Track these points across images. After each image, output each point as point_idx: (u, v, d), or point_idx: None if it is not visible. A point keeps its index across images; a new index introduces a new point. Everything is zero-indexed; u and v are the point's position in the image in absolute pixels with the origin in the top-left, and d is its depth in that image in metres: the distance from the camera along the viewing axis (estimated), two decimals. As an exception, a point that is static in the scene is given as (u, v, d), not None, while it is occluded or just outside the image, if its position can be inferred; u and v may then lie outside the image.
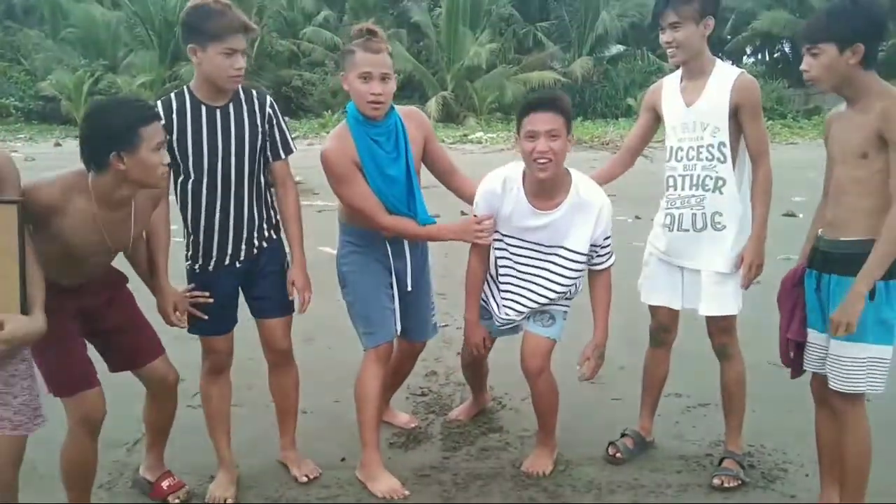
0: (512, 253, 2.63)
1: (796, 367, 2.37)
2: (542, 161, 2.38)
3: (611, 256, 2.63)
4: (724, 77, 2.53)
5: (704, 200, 2.57)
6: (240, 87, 2.43)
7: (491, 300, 2.75)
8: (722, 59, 2.71)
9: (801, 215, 8.16)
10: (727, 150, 2.52)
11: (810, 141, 19.04)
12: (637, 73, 25.58)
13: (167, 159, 2.10)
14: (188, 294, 2.44)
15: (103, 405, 2.22)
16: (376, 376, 2.63)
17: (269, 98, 2.50)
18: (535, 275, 2.61)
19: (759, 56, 32.60)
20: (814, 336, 2.27)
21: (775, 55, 31.69)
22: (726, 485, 2.57)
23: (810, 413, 2.38)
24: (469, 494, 2.58)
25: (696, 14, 2.47)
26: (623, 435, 2.87)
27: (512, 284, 2.65)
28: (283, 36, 26.27)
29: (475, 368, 3.03)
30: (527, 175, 2.52)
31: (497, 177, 2.58)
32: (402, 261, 2.67)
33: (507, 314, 2.68)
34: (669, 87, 2.68)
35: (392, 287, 2.66)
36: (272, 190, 2.56)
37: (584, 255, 2.55)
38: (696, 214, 2.59)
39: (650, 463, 2.78)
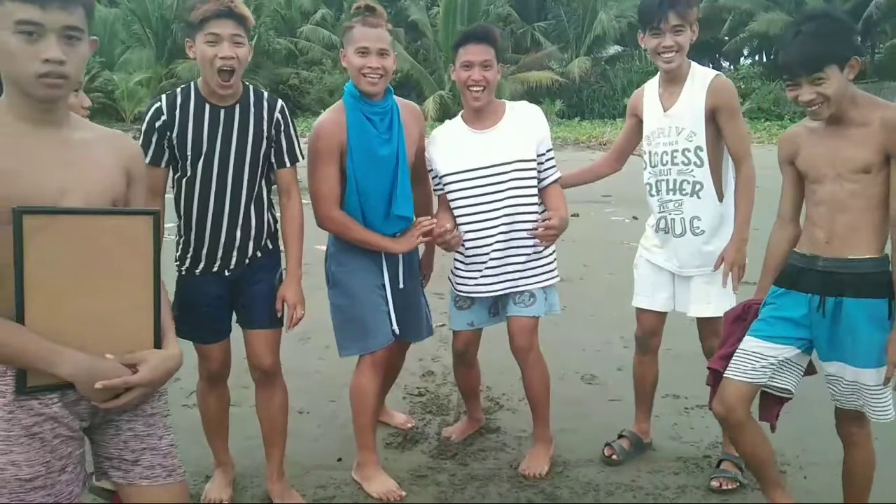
0: (470, 187, 2.59)
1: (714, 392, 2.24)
2: (476, 88, 2.54)
3: (556, 170, 2.70)
4: (699, 81, 2.53)
5: (682, 205, 2.57)
6: (251, 89, 2.34)
7: (465, 278, 2.68)
8: (720, 60, 2.70)
9: (798, 216, 8.18)
10: (704, 155, 2.51)
11: (807, 142, 19.03)
12: (634, 73, 25.61)
13: (87, 102, 2.02)
14: None
15: None
16: (372, 381, 2.58)
17: (280, 103, 2.38)
18: (500, 200, 2.57)
19: (757, 57, 32.64)
20: (762, 345, 2.10)
21: (773, 56, 31.74)
22: (724, 487, 2.56)
23: (808, 415, 2.38)
24: (466, 496, 2.56)
25: (693, 18, 2.49)
26: (620, 436, 2.86)
27: (480, 225, 2.60)
28: (281, 34, 26.25)
29: (466, 366, 2.92)
30: (464, 109, 2.70)
31: (438, 128, 2.78)
32: (395, 257, 2.63)
33: (490, 275, 2.61)
34: (650, 93, 2.69)
35: (384, 287, 2.61)
36: (273, 198, 2.45)
37: (534, 160, 2.62)
38: (674, 219, 2.60)
39: (648, 464, 2.77)
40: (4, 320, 1.35)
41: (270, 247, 2.43)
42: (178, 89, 2.31)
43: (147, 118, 2.25)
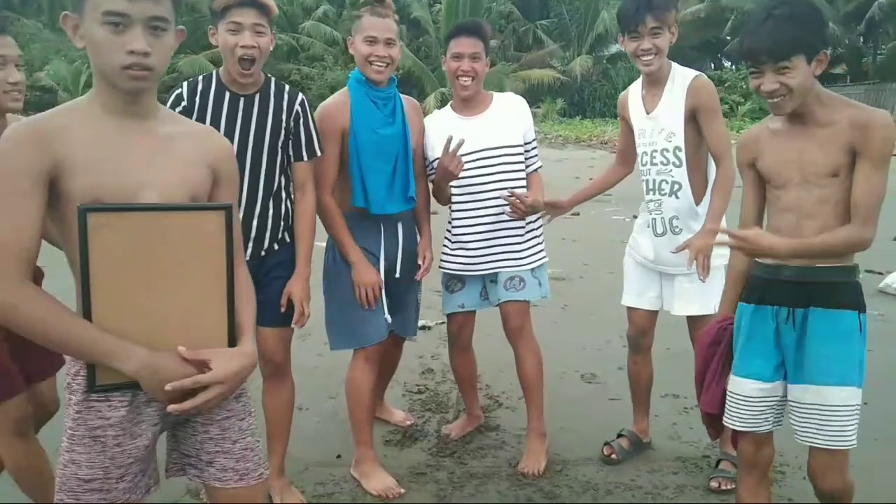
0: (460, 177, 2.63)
1: (717, 428, 2.16)
2: (465, 79, 2.66)
3: (538, 159, 2.83)
4: (679, 82, 2.55)
5: (662, 205, 2.60)
6: (273, 80, 2.35)
7: (453, 257, 2.77)
8: (721, 60, 2.71)
9: (798, 217, 8.17)
10: (682, 155, 2.53)
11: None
12: (636, 72, 24.99)
13: (14, 77, 1.99)
14: None
15: (28, 405, 2.08)
16: (367, 375, 2.61)
17: (301, 96, 2.39)
18: (488, 183, 2.67)
19: (759, 57, 32.60)
20: (757, 388, 1.95)
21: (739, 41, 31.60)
22: (723, 487, 2.56)
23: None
24: (465, 494, 2.56)
25: (671, 20, 2.51)
26: (619, 435, 2.86)
27: (469, 206, 2.71)
28: (283, 30, 26.20)
29: (461, 350, 2.94)
30: (453, 98, 2.82)
31: (429, 116, 2.87)
32: (393, 243, 2.64)
33: (476, 255, 2.72)
34: (634, 96, 2.72)
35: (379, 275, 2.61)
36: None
37: (521, 146, 2.73)
38: (655, 219, 2.63)
39: (647, 464, 2.77)
40: (72, 313, 1.33)
41: (288, 240, 2.42)
42: (201, 76, 2.32)
43: (168, 104, 2.25)
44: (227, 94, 2.26)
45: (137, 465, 1.44)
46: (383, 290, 2.59)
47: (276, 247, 2.38)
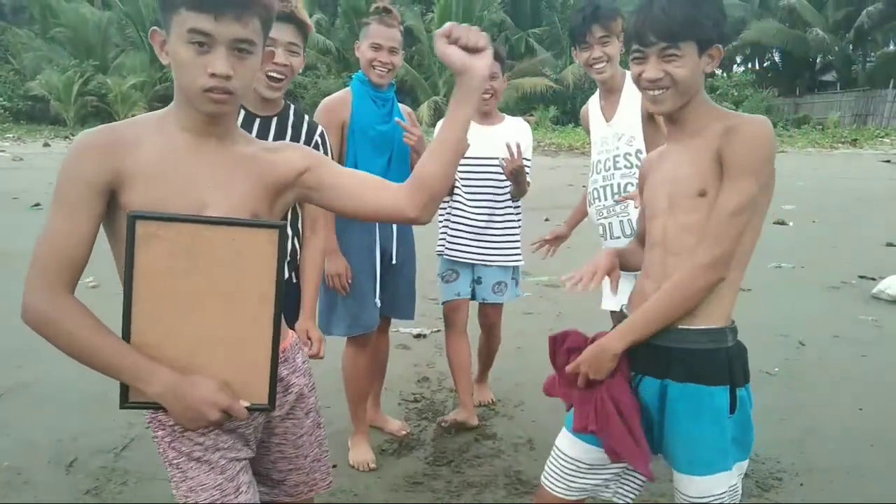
0: (466, 171, 2.98)
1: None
2: (485, 96, 2.93)
3: (530, 175, 3.05)
4: (635, 87, 2.56)
5: (628, 207, 2.65)
6: (293, 107, 2.25)
7: (451, 244, 3.04)
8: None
9: (791, 223, 8.23)
10: (643, 157, 2.58)
11: (799, 150, 19.26)
12: (628, 80, 25.67)
13: None
14: None
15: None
16: (362, 359, 2.79)
17: (321, 128, 2.29)
18: (486, 186, 3.00)
19: (749, 65, 32.88)
20: (595, 456, 1.64)
21: (765, 64, 32.02)
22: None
23: (804, 422, 2.37)
24: (462, 502, 2.55)
25: (619, 29, 2.57)
26: (616, 443, 2.86)
27: (467, 201, 3.02)
28: (275, 39, 26.24)
29: (458, 334, 3.10)
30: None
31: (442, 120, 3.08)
32: (388, 229, 2.78)
33: (469, 243, 3.03)
34: (593, 107, 2.81)
35: (374, 258, 2.73)
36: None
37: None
38: (622, 221, 2.68)
39: (644, 471, 2.77)
40: (104, 330, 1.25)
41: (295, 280, 2.25)
42: None
43: None
44: (243, 113, 2.09)
45: (246, 478, 1.40)
46: (378, 273, 2.75)
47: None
